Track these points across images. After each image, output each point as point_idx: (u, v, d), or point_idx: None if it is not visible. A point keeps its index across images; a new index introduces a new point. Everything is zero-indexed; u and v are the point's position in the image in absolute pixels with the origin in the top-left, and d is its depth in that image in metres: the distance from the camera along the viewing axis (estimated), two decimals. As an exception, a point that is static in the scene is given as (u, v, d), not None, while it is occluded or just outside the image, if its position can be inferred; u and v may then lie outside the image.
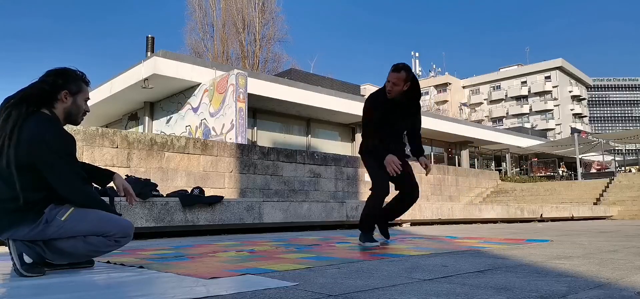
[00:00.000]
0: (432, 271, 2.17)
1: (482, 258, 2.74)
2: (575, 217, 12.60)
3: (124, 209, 5.08)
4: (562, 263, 2.44)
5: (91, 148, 7.82)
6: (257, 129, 18.16)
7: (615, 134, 33.27)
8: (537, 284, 1.78)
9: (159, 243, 4.33)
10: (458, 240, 4.22)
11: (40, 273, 2.11)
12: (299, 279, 1.90)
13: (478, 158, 30.40)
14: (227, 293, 1.59)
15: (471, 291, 1.63)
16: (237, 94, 14.43)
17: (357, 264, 2.41)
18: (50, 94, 2.21)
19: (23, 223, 2.09)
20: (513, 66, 74.29)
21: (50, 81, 2.22)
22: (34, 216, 2.10)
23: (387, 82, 3.48)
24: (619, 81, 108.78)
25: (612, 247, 3.43)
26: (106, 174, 2.45)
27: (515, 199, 17.21)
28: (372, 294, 1.59)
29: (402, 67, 3.46)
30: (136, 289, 1.78)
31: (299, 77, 21.24)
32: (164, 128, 17.44)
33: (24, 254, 2.10)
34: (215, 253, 3.08)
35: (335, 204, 7.66)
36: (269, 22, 33.04)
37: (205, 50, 32.57)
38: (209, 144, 9.60)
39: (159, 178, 8.31)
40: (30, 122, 2.11)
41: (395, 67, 3.48)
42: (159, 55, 15.25)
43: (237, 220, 6.15)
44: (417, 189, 3.71)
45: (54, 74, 2.25)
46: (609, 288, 1.69)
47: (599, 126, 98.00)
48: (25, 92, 2.18)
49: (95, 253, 2.28)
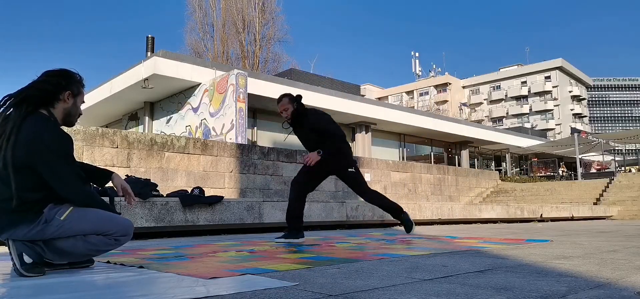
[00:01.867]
0: (432, 271, 2.17)
1: (482, 258, 2.74)
2: (575, 218, 12.60)
3: (124, 209, 5.08)
4: (562, 263, 2.44)
5: (91, 148, 7.81)
6: (257, 129, 18.16)
7: (615, 134, 33.26)
8: (537, 284, 1.78)
9: (159, 242, 4.33)
10: (458, 240, 4.22)
11: (41, 273, 2.11)
12: (299, 279, 1.90)
13: (478, 158, 30.41)
14: (227, 293, 1.59)
15: (471, 291, 1.63)
16: (237, 94, 14.43)
17: (357, 264, 2.41)
18: (52, 94, 2.22)
19: (22, 223, 2.09)
20: (513, 66, 74.26)
21: (53, 82, 2.23)
22: (33, 216, 2.10)
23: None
24: (619, 81, 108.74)
25: (612, 247, 3.43)
26: (105, 174, 2.46)
27: (515, 199, 17.21)
28: (372, 294, 1.59)
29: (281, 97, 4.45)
30: (136, 289, 1.78)
31: (299, 77, 21.24)
32: (164, 128, 17.44)
33: (24, 254, 2.10)
34: (215, 253, 3.08)
35: (335, 204, 7.66)
36: (269, 22, 33.07)
37: (205, 50, 32.61)
38: (209, 144, 9.59)
39: (159, 178, 8.31)
40: (28, 122, 2.11)
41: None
42: (159, 56, 15.25)
43: (237, 220, 6.15)
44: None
45: (57, 75, 2.26)
46: (609, 288, 1.69)
47: (599, 126, 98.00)
48: (27, 93, 2.18)
49: (96, 252, 2.28)
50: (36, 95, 2.18)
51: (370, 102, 22.58)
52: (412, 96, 71.78)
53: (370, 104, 21.76)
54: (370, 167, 13.95)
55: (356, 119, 20.43)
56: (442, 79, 72.36)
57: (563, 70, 69.77)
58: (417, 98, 70.70)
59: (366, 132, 21.16)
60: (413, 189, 14.99)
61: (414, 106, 64.09)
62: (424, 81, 73.46)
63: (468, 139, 26.83)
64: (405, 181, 14.87)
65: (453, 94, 70.87)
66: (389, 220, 7.81)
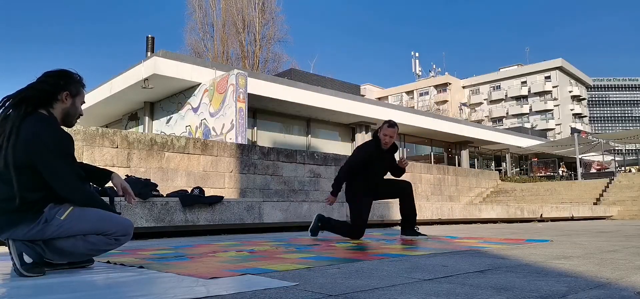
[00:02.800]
0: (432, 271, 2.17)
1: (482, 258, 2.74)
2: (575, 218, 12.60)
3: (124, 209, 5.08)
4: (562, 263, 2.44)
5: (91, 148, 7.81)
6: (257, 129, 18.16)
7: (615, 134, 33.24)
8: (537, 284, 1.78)
9: (159, 242, 4.33)
10: (458, 240, 4.22)
11: (41, 273, 2.11)
12: (299, 279, 1.90)
13: (478, 158, 30.40)
14: (227, 293, 1.59)
15: (471, 291, 1.63)
16: (237, 94, 14.42)
17: (357, 264, 2.41)
18: (51, 95, 2.22)
19: (22, 223, 2.09)
20: (513, 66, 74.23)
21: (51, 82, 2.23)
22: (33, 216, 2.10)
23: (385, 135, 4.27)
24: (619, 80, 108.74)
25: (612, 247, 3.43)
26: (104, 174, 2.46)
27: (515, 199, 17.21)
28: (372, 294, 1.59)
29: (395, 124, 4.34)
30: (136, 289, 1.78)
31: (299, 77, 21.23)
32: (164, 128, 17.44)
33: (24, 254, 2.10)
34: (215, 253, 3.08)
35: (335, 204, 7.65)
36: (268, 22, 33.05)
37: (205, 50, 32.60)
38: (209, 144, 9.60)
39: (159, 178, 8.31)
40: (28, 122, 2.12)
41: (390, 123, 4.32)
42: (159, 55, 15.25)
43: (237, 220, 6.15)
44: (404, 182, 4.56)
45: (56, 75, 2.27)
46: (609, 288, 1.69)
47: (599, 126, 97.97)
48: (25, 94, 2.18)
49: (96, 251, 2.28)
50: (35, 95, 2.18)
51: (370, 102, 22.58)
52: (412, 96, 71.78)
53: (370, 104, 21.76)
54: (370, 167, 13.92)
55: (356, 119, 20.42)
56: (442, 79, 72.34)
57: (563, 70, 69.76)
58: (417, 98, 70.69)
59: (366, 132, 21.15)
60: (413, 189, 14.96)
61: (414, 106, 64.08)
62: (424, 81, 73.42)
63: (468, 139, 26.83)
64: (405, 181, 14.83)
65: (453, 94, 70.85)
66: (388, 220, 7.81)
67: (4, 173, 2.07)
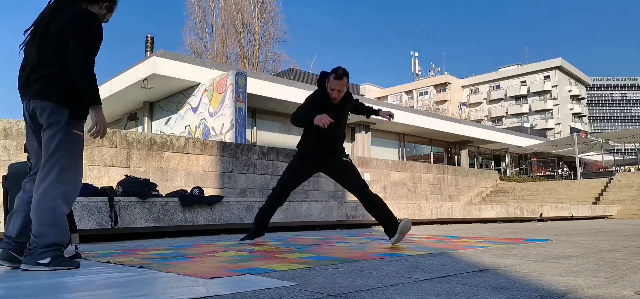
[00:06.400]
0: (432, 270, 2.17)
1: (482, 257, 2.75)
2: (574, 217, 12.61)
3: (123, 209, 5.08)
4: (562, 263, 2.45)
5: (90, 148, 7.81)
6: (256, 128, 18.15)
7: (615, 134, 33.27)
8: (537, 283, 1.78)
9: (159, 242, 4.33)
10: (458, 240, 4.22)
11: (75, 266, 2.31)
12: (299, 279, 1.90)
13: (477, 158, 30.41)
14: (226, 293, 1.60)
15: (471, 291, 1.63)
16: (236, 94, 14.41)
17: (357, 264, 2.42)
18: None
19: (49, 96, 2.33)
20: (512, 66, 74.25)
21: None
22: (61, 98, 2.33)
23: (332, 90, 3.64)
24: (618, 80, 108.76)
25: (611, 246, 3.44)
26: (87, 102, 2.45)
27: (515, 198, 17.23)
28: (372, 294, 1.59)
29: (344, 74, 3.64)
30: (136, 289, 1.78)
31: (299, 77, 21.22)
32: (164, 128, 17.43)
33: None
34: (215, 253, 3.08)
35: (334, 203, 7.66)
36: (268, 22, 33.03)
37: (205, 50, 32.58)
38: (208, 144, 9.59)
39: (159, 178, 8.31)
40: (70, 6, 2.44)
41: (337, 73, 3.62)
42: (158, 55, 15.24)
43: (236, 220, 6.15)
44: (365, 189, 3.77)
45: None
46: (608, 288, 1.69)
47: (599, 125, 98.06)
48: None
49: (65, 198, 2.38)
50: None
51: (369, 101, 22.58)
52: (411, 95, 71.77)
53: (369, 103, 21.77)
54: (370, 167, 13.96)
55: (355, 118, 20.40)
56: (442, 79, 72.35)
57: (562, 69, 69.78)
58: (417, 98, 70.68)
59: (366, 132, 21.16)
60: (413, 188, 15.00)
61: (414, 105, 64.07)
62: (423, 80, 73.41)
63: (467, 139, 26.83)
64: (405, 181, 14.87)
65: (452, 93, 70.87)
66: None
67: (46, 46, 2.38)
